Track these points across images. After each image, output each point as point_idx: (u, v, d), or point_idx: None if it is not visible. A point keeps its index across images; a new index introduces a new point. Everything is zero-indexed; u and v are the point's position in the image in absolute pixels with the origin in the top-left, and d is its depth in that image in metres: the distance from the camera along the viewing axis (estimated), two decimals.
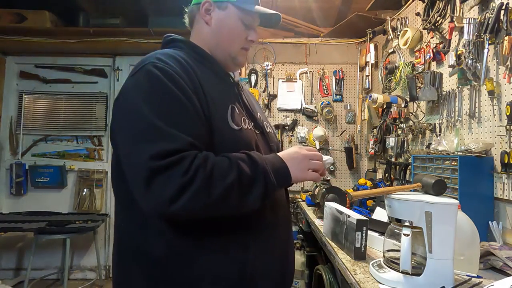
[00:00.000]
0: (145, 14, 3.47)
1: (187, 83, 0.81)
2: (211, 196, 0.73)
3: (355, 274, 1.09)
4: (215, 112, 0.84)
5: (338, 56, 3.36)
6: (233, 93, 0.96)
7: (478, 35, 1.53)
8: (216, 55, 0.98)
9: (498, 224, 1.42)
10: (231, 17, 0.96)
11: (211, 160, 0.76)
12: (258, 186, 0.79)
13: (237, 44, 0.98)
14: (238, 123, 0.88)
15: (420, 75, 2.10)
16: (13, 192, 3.53)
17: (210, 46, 0.98)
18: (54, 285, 3.39)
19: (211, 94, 0.85)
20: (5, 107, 3.60)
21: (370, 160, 3.08)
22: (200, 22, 0.99)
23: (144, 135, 0.75)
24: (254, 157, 0.81)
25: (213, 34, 0.97)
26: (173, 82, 0.79)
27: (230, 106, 0.88)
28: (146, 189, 0.71)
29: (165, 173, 0.70)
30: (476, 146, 1.50)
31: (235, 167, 0.77)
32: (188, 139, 0.75)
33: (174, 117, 0.77)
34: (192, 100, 0.80)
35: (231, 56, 0.98)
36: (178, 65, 0.83)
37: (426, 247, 0.95)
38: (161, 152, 0.71)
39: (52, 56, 3.63)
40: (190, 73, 0.84)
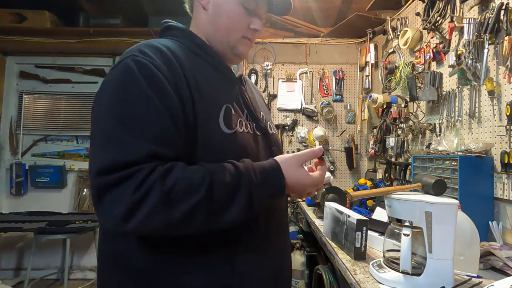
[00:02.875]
0: (145, 14, 3.47)
1: (167, 80, 0.70)
2: (169, 216, 0.63)
3: (355, 274, 1.09)
4: (205, 112, 0.73)
5: (338, 56, 3.36)
6: (232, 90, 0.85)
7: (478, 35, 1.53)
8: (214, 44, 0.86)
9: (498, 224, 1.42)
10: (232, 3, 0.84)
11: (175, 174, 0.65)
12: (238, 201, 0.67)
13: (237, 32, 0.85)
14: (232, 126, 0.77)
15: (420, 75, 2.10)
16: (13, 192, 3.53)
17: (207, 34, 0.86)
18: (54, 285, 3.39)
19: (203, 91, 0.75)
20: (5, 107, 3.60)
21: (370, 160, 3.08)
22: (197, 7, 0.88)
23: (100, 142, 0.66)
24: (238, 166, 0.70)
25: (210, 20, 0.85)
26: (148, 79, 0.69)
27: (224, 106, 0.77)
28: (97, 206, 0.63)
29: (114, 190, 0.61)
30: (476, 146, 1.50)
31: (207, 181, 0.65)
32: (148, 148, 0.64)
33: (137, 121, 0.66)
34: (168, 101, 0.69)
35: (230, 46, 0.86)
36: (161, 59, 0.72)
37: (426, 247, 0.95)
38: (110, 165, 0.62)
39: (52, 56, 3.63)
40: (174, 68, 0.73)
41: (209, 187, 0.65)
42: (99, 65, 3.70)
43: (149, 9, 3.41)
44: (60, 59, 3.66)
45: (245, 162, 0.73)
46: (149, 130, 0.66)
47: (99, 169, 0.62)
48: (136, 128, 0.66)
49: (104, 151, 0.64)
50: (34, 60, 3.66)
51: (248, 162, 0.73)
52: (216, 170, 0.68)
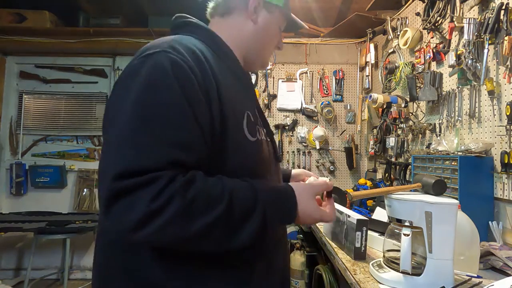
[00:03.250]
0: (145, 14, 3.47)
1: (199, 85, 0.67)
2: (186, 231, 0.59)
3: (355, 274, 1.09)
4: (232, 119, 0.72)
5: (338, 56, 3.36)
6: (250, 97, 0.85)
7: (478, 35, 1.53)
8: (248, 55, 0.90)
9: (498, 224, 1.42)
10: (275, 22, 0.92)
11: (197, 185, 0.61)
12: (253, 220, 0.65)
13: (271, 49, 0.96)
14: (254, 133, 0.77)
15: (420, 75, 2.10)
16: (13, 192, 3.53)
17: (247, 44, 0.89)
18: (54, 285, 3.39)
19: (228, 97, 0.72)
20: (5, 107, 3.61)
21: (370, 160, 3.08)
22: (241, 16, 0.88)
23: (119, 141, 0.61)
24: (255, 185, 0.69)
25: (255, 33, 0.89)
26: (181, 81, 0.65)
27: (246, 113, 0.77)
28: (106, 210, 0.58)
29: (129, 196, 0.57)
30: (476, 146, 1.50)
31: (227, 197, 0.63)
32: (170, 155, 0.60)
33: (163, 125, 0.62)
34: (198, 107, 0.66)
35: (262, 59, 0.95)
36: (194, 61, 0.69)
37: (426, 247, 0.95)
38: (128, 169, 0.58)
39: (52, 56, 3.63)
40: (206, 73, 0.70)
41: (229, 203, 0.63)
42: (99, 65, 3.70)
43: (149, 9, 3.41)
44: (60, 59, 3.66)
45: (262, 183, 0.72)
46: (174, 136, 0.62)
47: (116, 173, 0.57)
48: (161, 132, 0.61)
49: (123, 153, 0.59)
50: (34, 60, 3.66)
51: (264, 184, 0.73)
52: (235, 186, 0.66)
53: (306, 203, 0.74)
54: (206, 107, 0.67)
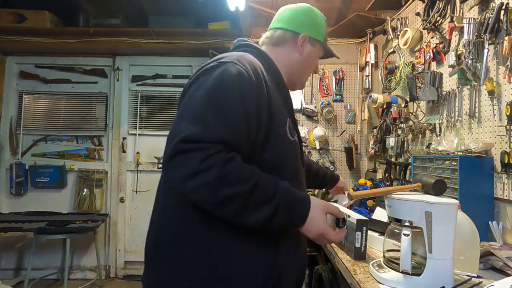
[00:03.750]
0: (145, 14, 3.47)
1: (255, 90, 0.88)
2: (215, 194, 0.77)
3: (355, 274, 1.09)
4: (277, 122, 0.92)
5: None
6: (288, 108, 1.04)
7: (478, 35, 1.53)
8: (291, 78, 1.12)
9: (498, 224, 1.42)
10: (316, 54, 1.15)
11: (234, 164, 0.79)
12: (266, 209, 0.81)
13: (309, 74, 1.22)
14: (293, 135, 0.99)
15: (420, 75, 2.10)
16: (13, 192, 3.54)
17: (291, 70, 1.11)
18: (54, 285, 3.39)
19: (275, 104, 0.93)
20: (5, 107, 3.61)
21: (370, 160, 3.08)
22: (290, 48, 1.11)
23: (190, 118, 0.82)
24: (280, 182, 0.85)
25: (299, 63, 1.12)
26: (241, 84, 0.86)
27: (288, 119, 0.99)
28: (167, 162, 0.80)
29: (185, 154, 0.78)
30: (476, 146, 1.50)
31: (254, 181, 0.80)
32: (223, 136, 0.80)
33: (222, 113, 0.83)
34: (250, 107, 0.85)
35: (301, 82, 1.19)
36: (253, 71, 0.90)
37: (426, 247, 0.95)
38: (191, 137, 0.78)
39: (52, 56, 3.63)
40: (261, 81, 0.91)
41: (252, 187, 0.80)
42: (99, 65, 3.70)
43: (149, 9, 3.41)
44: (60, 59, 3.66)
45: (287, 183, 0.87)
46: (227, 123, 0.82)
47: (182, 137, 0.78)
48: (219, 118, 0.81)
49: (191, 125, 0.80)
50: (34, 60, 3.66)
51: (288, 185, 0.87)
52: (264, 177, 0.83)
53: (317, 214, 0.88)
54: (257, 107, 0.87)
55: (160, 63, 3.71)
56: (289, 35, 1.11)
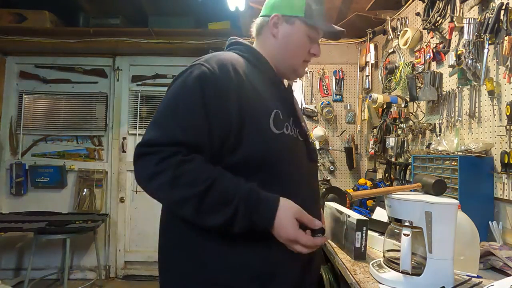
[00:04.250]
0: (145, 14, 3.47)
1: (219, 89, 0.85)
2: (170, 196, 0.79)
3: (355, 274, 1.09)
4: (255, 114, 0.87)
5: (338, 56, 3.36)
6: (282, 99, 0.98)
7: (478, 35, 1.53)
8: (278, 66, 1.02)
9: (498, 224, 1.42)
10: (298, 32, 1.00)
11: (189, 166, 0.78)
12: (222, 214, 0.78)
13: (299, 58, 1.03)
14: (280, 127, 0.91)
15: (420, 75, 2.10)
16: (13, 192, 3.53)
17: (274, 57, 1.01)
18: (54, 285, 3.39)
19: (255, 97, 0.90)
20: (5, 107, 3.61)
21: (370, 160, 3.08)
22: (266, 33, 1.03)
23: (154, 119, 0.85)
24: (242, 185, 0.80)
25: (278, 46, 1.01)
26: (202, 83, 0.84)
27: (274, 111, 0.91)
28: (134, 166, 0.83)
29: (144, 159, 0.80)
30: (476, 146, 1.50)
31: (208, 183, 0.78)
32: (180, 138, 0.80)
33: (177, 114, 0.83)
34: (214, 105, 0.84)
35: (293, 69, 1.04)
36: (221, 69, 0.87)
37: (426, 247, 0.95)
38: (148, 140, 0.81)
39: (52, 56, 3.63)
40: (229, 78, 0.87)
41: (208, 187, 0.77)
42: (99, 65, 3.70)
43: (149, 9, 3.40)
44: (60, 59, 3.66)
45: (253, 186, 0.81)
46: (184, 124, 0.81)
47: (140, 142, 0.81)
48: (176, 120, 0.82)
49: (151, 129, 0.83)
50: (34, 60, 3.66)
51: (255, 187, 0.82)
52: (224, 178, 0.80)
53: (286, 217, 0.81)
54: (222, 104, 0.84)
55: (160, 63, 3.71)
56: (264, 21, 1.03)
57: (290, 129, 0.94)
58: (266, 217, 0.80)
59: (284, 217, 0.80)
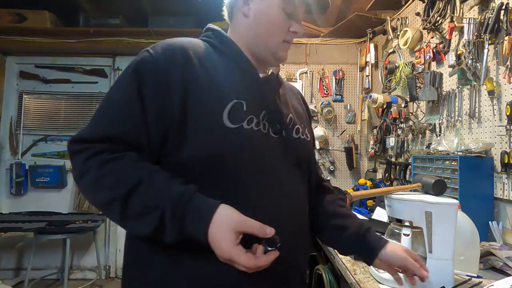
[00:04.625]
0: (145, 14, 3.47)
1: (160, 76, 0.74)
2: (94, 198, 0.71)
3: (355, 274, 1.09)
4: (203, 106, 0.74)
5: (338, 56, 3.36)
6: (252, 89, 0.82)
7: (478, 35, 1.53)
8: (255, 50, 0.87)
9: (498, 224, 1.42)
10: (272, 7, 0.84)
11: (115, 165, 0.68)
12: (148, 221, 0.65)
13: (278, 37, 0.86)
14: (237, 121, 0.75)
15: (420, 75, 2.10)
16: (13, 192, 3.53)
17: (248, 41, 0.87)
18: (54, 285, 3.39)
19: (209, 85, 0.76)
20: (5, 107, 3.60)
21: (370, 160, 3.08)
22: (238, 14, 0.88)
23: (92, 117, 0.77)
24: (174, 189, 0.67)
25: (251, 27, 0.86)
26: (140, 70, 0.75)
27: (233, 101, 0.76)
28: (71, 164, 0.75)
29: (74, 157, 0.73)
30: (476, 146, 1.50)
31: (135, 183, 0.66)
32: (109, 133, 0.71)
33: (110, 110, 0.75)
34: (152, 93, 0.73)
35: (271, 51, 0.87)
36: (165, 55, 0.76)
37: (426, 247, 0.95)
38: (77, 137, 0.73)
39: (52, 56, 3.63)
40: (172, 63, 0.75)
41: (129, 192, 0.66)
42: (99, 65, 3.70)
43: (149, 9, 3.41)
44: (60, 59, 3.66)
45: (189, 189, 0.67)
46: (115, 118, 0.72)
47: (72, 137, 0.74)
48: (108, 114, 0.74)
49: (86, 126, 0.75)
50: (34, 60, 3.66)
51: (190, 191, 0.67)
52: (150, 180, 0.67)
53: (220, 231, 0.63)
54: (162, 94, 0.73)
55: None
56: (233, 1, 0.89)
57: (256, 124, 0.78)
58: (197, 229, 0.64)
59: (218, 230, 0.63)
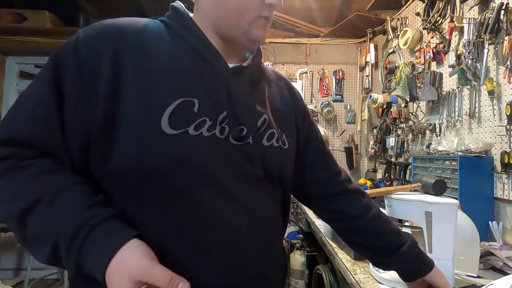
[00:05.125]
0: (145, 14, 3.46)
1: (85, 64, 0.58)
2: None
3: (355, 274, 1.09)
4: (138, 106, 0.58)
5: (338, 56, 3.36)
6: (212, 82, 0.65)
7: (478, 35, 1.53)
8: (224, 31, 0.68)
9: (498, 224, 1.42)
10: None
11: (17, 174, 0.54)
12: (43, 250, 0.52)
13: (250, 12, 0.66)
14: (181, 125, 0.59)
15: (420, 75, 2.10)
16: None
17: (214, 20, 0.68)
18: (54, 285, 3.39)
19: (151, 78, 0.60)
20: (5, 107, 3.60)
21: (370, 160, 3.08)
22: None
23: None
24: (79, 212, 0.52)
25: (214, 4, 0.67)
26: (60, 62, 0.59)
27: (180, 100, 0.60)
28: None
29: None
30: (476, 146, 1.50)
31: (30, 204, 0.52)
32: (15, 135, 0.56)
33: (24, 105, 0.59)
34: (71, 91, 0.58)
35: (243, 30, 0.67)
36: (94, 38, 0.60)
37: (426, 247, 0.95)
38: None
39: None
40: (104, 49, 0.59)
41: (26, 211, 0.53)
42: None
43: (149, 9, 3.41)
44: None
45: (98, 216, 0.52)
46: (23, 115, 0.57)
47: None
48: (16, 109, 0.59)
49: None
50: (34, 60, 3.65)
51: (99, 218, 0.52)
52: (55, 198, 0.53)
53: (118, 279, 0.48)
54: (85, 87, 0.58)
55: None
56: None
57: (210, 128, 0.61)
58: (95, 268, 0.50)
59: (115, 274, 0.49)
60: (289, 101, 0.82)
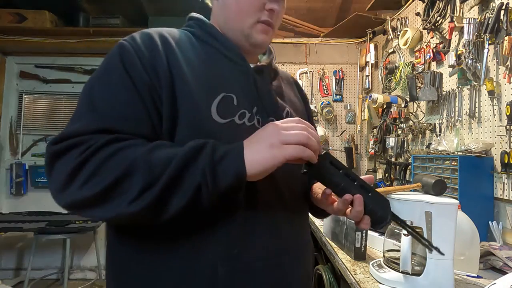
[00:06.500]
0: (145, 14, 3.47)
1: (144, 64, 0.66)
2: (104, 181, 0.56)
3: (355, 274, 1.09)
4: (191, 98, 0.66)
5: (338, 56, 3.36)
6: (242, 81, 0.74)
7: (478, 35, 1.53)
8: (227, 34, 0.77)
9: (498, 224, 1.42)
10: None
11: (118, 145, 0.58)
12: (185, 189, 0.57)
13: (250, 17, 0.74)
14: (227, 115, 0.68)
15: (420, 75, 2.10)
16: (13, 192, 3.53)
17: (219, 24, 0.78)
18: (54, 285, 3.39)
19: (194, 74, 0.68)
20: (5, 107, 3.60)
21: (370, 160, 3.08)
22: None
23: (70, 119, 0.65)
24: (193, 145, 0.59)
25: (221, 7, 0.78)
26: (123, 59, 0.66)
27: (222, 94, 0.69)
28: (48, 178, 0.60)
29: (63, 158, 0.58)
30: (476, 146, 1.50)
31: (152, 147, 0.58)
32: (102, 123, 0.60)
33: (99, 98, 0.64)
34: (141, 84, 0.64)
35: (244, 34, 0.75)
36: (146, 43, 0.68)
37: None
38: (62, 135, 0.60)
39: (52, 56, 3.63)
40: (155, 52, 0.68)
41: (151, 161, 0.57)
42: (99, 65, 3.66)
43: (149, 9, 3.41)
44: (60, 59, 3.66)
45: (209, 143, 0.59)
46: (110, 107, 0.62)
47: (53, 139, 0.60)
48: (97, 104, 0.63)
49: (68, 124, 0.63)
50: (34, 60, 3.66)
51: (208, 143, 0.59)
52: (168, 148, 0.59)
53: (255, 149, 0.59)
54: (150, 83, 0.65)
55: None
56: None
57: (249, 119, 0.71)
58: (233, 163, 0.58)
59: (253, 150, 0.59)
60: (298, 95, 0.93)
